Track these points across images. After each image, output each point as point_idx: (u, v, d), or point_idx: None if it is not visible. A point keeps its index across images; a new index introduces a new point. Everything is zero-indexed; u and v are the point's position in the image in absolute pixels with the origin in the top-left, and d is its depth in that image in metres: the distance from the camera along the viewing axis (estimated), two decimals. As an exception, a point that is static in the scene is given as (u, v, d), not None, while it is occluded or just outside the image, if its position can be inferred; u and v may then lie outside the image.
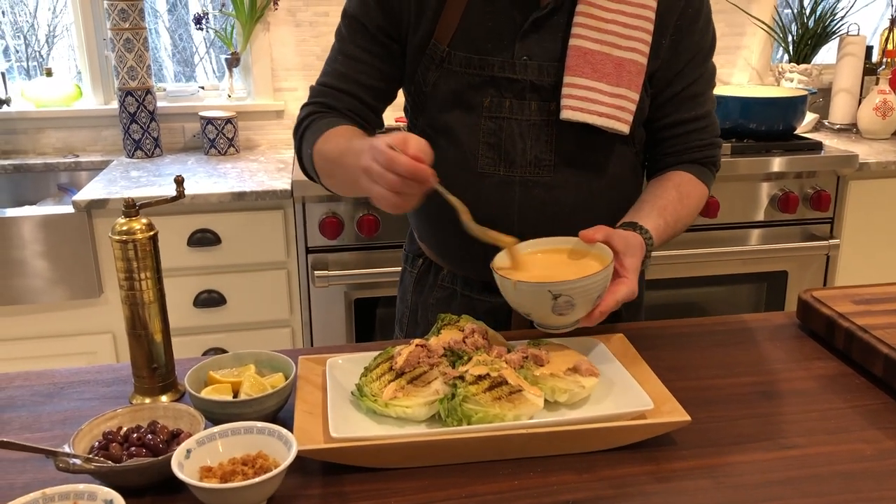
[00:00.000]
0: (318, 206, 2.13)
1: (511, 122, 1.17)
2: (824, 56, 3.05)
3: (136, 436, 0.86)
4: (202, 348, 2.18)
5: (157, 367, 1.01)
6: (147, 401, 1.01)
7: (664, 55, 1.19)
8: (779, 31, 2.92)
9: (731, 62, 2.96)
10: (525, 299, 1.02)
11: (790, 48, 2.93)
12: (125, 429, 0.88)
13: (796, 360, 1.13)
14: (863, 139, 2.74)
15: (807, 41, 2.89)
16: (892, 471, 0.87)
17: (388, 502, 0.82)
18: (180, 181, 1.02)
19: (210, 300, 2.16)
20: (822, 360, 1.13)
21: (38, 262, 2.05)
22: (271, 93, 2.70)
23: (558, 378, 0.96)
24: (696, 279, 2.41)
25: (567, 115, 1.14)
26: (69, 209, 2.05)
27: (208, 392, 0.94)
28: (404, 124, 1.27)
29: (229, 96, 2.70)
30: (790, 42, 2.92)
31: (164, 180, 2.25)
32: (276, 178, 2.24)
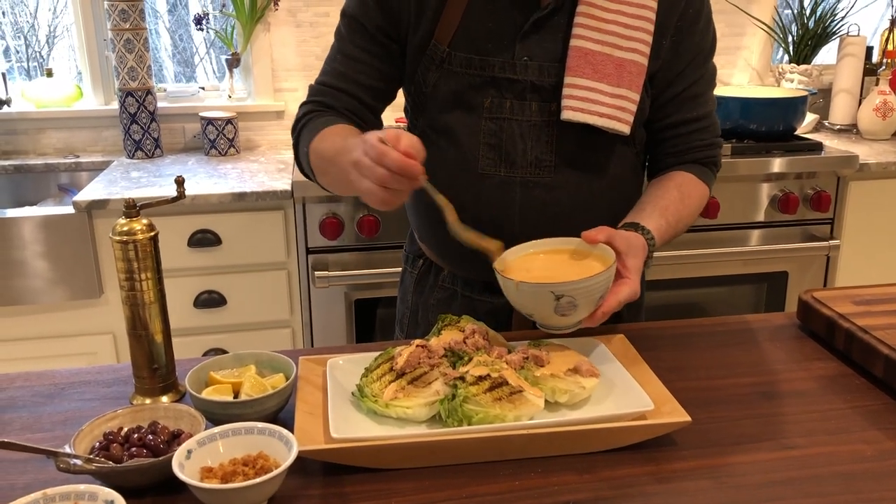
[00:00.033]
0: (318, 207, 2.13)
1: (511, 123, 1.17)
2: (824, 57, 3.05)
3: (136, 436, 0.86)
4: (202, 349, 2.18)
5: (157, 368, 1.01)
6: (148, 401, 1.01)
7: (665, 56, 1.20)
8: (779, 32, 2.92)
9: (732, 63, 2.96)
10: (527, 300, 1.02)
11: (790, 49, 2.93)
12: (126, 429, 0.88)
13: (797, 360, 1.13)
14: (863, 140, 2.74)
15: (807, 42, 2.89)
16: (893, 471, 0.87)
17: (389, 503, 0.82)
18: (181, 182, 1.02)
19: (210, 301, 2.16)
20: (823, 361, 1.13)
21: (39, 262, 2.05)
22: (272, 93, 2.71)
23: (559, 379, 0.96)
24: (696, 280, 2.41)
25: (568, 115, 1.14)
26: (69, 210, 2.05)
27: (209, 392, 0.94)
28: (404, 124, 1.27)
29: (230, 97, 2.70)
30: (790, 42, 2.92)
31: (165, 181, 2.25)
32: (277, 178, 2.24)
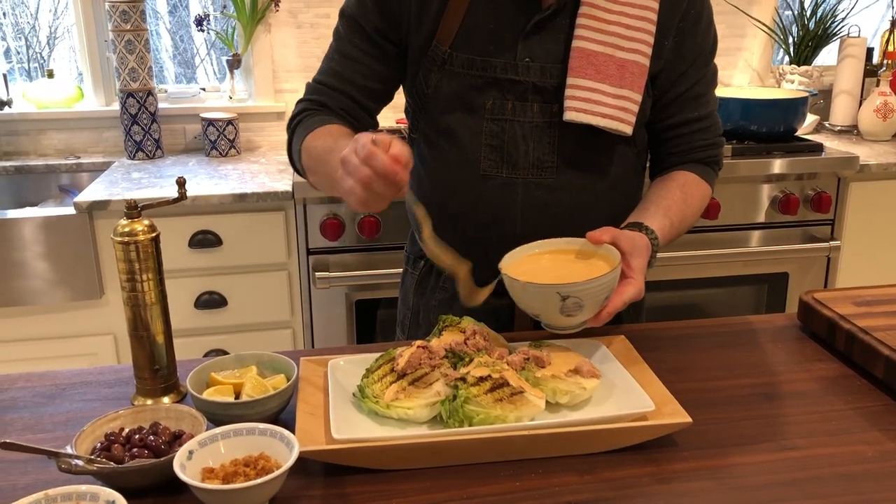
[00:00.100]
0: (319, 208, 2.13)
1: (513, 124, 1.18)
2: (825, 58, 3.05)
3: (138, 437, 0.86)
4: (203, 350, 2.18)
5: (158, 369, 1.01)
6: (149, 402, 1.01)
7: (667, 56, 1.20)
8: (779, 33, 2.92)
9: (732, 64, 2.96)
10: (534, 300, 1.02)
11: (791, 50, 2.93)
12: (127, 430, 0.88)
13: (797, 361, 1.13)
14: (863, 141, 2.74)
15: (807, 43, 2.89)
16: (893, 472, 0.87)
17: (390, 503, 0.82)
18: (182, 182, 1.03)
19: (211, 301, 2.17)
20: (823, 362, 1.13)
21: (40, 263, 2.05)
22: (272, 94, 2.71)
23: (560, 379, 0.96)
24: (697, 281, 2.41)
25: (571, 116, 1.14)
26: (70, 210, 2.05)
27: (210, 393, 0.94)
28: (405, 125, 1.27)
29: (230, 98, 2.70)
30: (791, 44, 2.92)
31: (166, 182, 2.25)
32: (278, 179, 2.24)
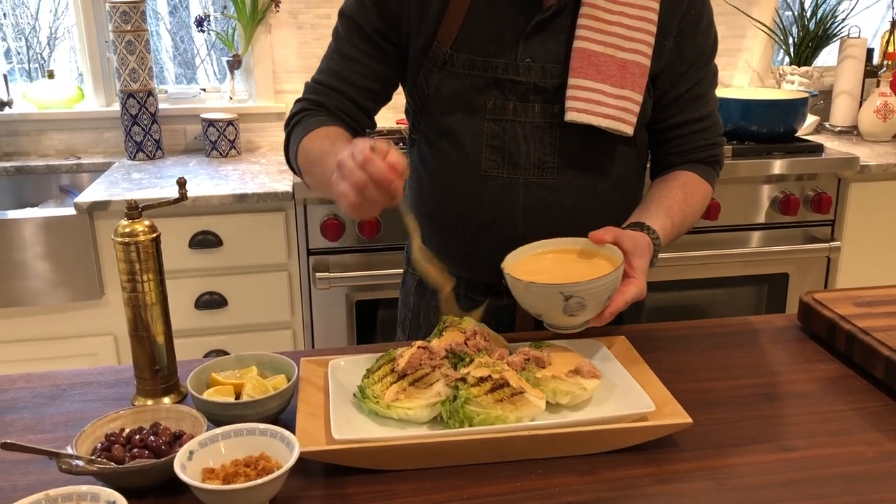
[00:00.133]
0: (319, 208, 2.14)
1: (514, 125, 1.18)
2: (825, 58, 3.05)
3: (138, 437, 0.86)
4: (204, 350, 2.18)
5: (159, 369, 1.01)
6: (149, 402, 1.01)
7: (668, 57, 1.20)
8: (779, 34, 2.92)
9: (732, 64, 2.96)
10: (536, 300, 1.02)
11: (791, 50, 2.93)
12: (128, 430, 0.88)
13: (797, 362, 1.13)
14: (864, 141, 2.74)
15: (807, 43, 2.89)
16: (893, 473, 0.87)
17: (391, 504, 0.82)
18: (182, 183, 1.03)
19: (211, 302, 2.17)
20: (824, 363, 1.13)
21: (40, 263, 2.05)
22: (273, 95, 2.71)
23: (560, 380, 0.96)
24: (697, 281, 2.41)
25: (572, 116, 1.15)
26: (71, 211, 2.05)
27: (210, 394, 0.94)
28: (406, 126, 1.27)
29: (231, 98, 2.70)
30: (791, 44, 2.92)
31: (166, 182, 2.25)
32: (278, 180, 2.24)
